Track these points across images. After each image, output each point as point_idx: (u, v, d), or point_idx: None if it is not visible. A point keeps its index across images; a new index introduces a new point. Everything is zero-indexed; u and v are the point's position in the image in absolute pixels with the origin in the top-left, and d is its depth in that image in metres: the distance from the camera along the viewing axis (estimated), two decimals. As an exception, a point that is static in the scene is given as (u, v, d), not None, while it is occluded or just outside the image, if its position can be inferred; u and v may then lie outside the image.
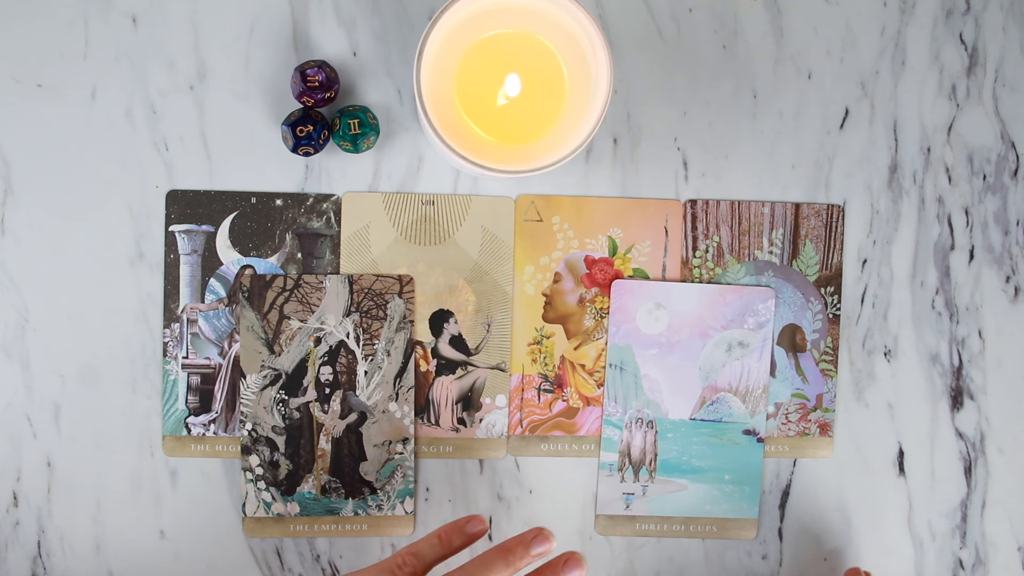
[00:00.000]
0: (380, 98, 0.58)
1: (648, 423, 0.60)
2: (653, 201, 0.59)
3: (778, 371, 0.60)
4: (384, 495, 0.59)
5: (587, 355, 0.60)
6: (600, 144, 0.59)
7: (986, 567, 0.61)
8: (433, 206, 0.59)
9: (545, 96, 0.53)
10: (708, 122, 0.60)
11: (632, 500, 0.60)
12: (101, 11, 0.57)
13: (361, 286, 0.58)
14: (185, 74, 0.57)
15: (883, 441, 0.61)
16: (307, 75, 0.55)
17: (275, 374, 0.58)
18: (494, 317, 0.59)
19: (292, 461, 0.58)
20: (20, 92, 0.57)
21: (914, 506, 0.61)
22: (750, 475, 0.60)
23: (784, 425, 0.60)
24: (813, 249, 0.60)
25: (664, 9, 0.59)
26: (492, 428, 0.59)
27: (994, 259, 0.61)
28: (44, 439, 0.58)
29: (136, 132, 0.57)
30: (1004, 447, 0.61)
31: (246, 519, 0.58)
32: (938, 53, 0.60)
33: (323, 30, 0.58)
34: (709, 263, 0.60)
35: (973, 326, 0.61)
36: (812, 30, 0.60)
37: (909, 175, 0.60)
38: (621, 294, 0.59)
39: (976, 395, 0.61)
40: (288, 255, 0.58)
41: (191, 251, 0.58)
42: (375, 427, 0.58)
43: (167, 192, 0.58)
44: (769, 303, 0.59)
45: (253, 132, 0.58)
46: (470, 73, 0.53)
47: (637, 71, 0.59)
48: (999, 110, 0.60)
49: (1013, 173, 0.61)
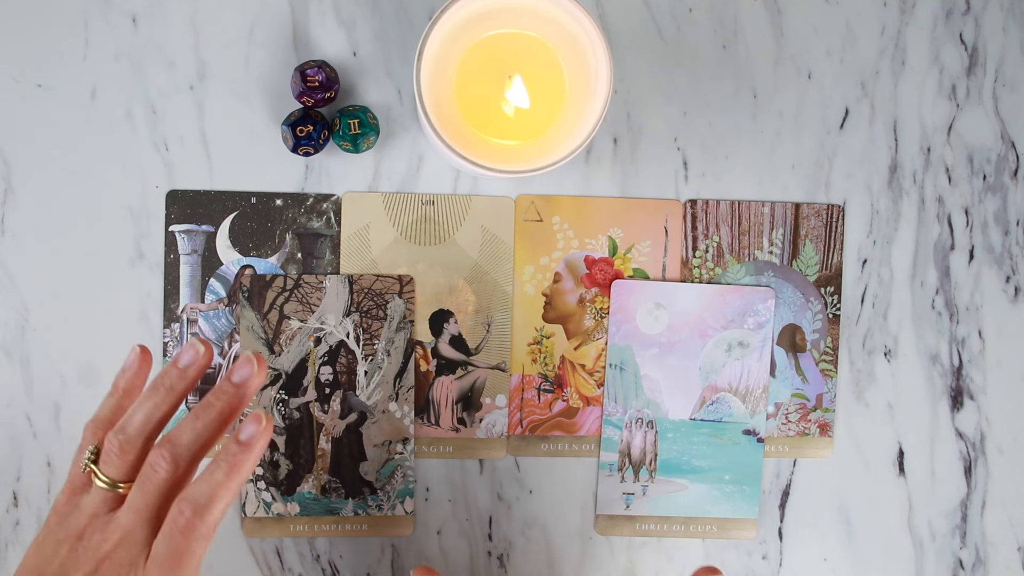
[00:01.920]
0: (380, 98, 0.58)
1: (648, 423, 0.60)
2: (653, 201, 0.59)
3: (778, 371, 0.60)
4: (384, 495, 0.59)
5: (587, 355, 0.60)
6: (600, 144, 0.59)
7: (986, 567, 0.61)
8: (433, 206, 0.59)
9: (545, 96, 0.53)
10: (708, 122, 0.60)
11: (632, 500, 0.60)
12: (101, 11, 0.57)
13: (361, 286, 0.58)
14: (185, 74, 0.57)
15: (883, 441, 0.61)
16: (307, 75, 0.55)
17: (275, 374, 0.58)
18: (494, 317, 0.59)
19: (292, 461, 0.58)
20: (20, 92, 0.57)
21: (914, 506, 0.61)
22: (750, 475, 0.60)
23: (784, 425, 0.60)
24: (813, 249, 0.60)
25: (664, 9, 0.59)
26: (492, 428, 0.59)
27: (994, 259, 0.61)
28: (44, 439, 0.58)
29: (136, 132, 0.57)
30: (1004, 447, 0.61)
31: (246, 519, 0.58)
32: (938, 53, 0.60)
33: (323, 30, 0.58)
34: (709, 263, 0.60)
35: (973, 326, 0.61)
36: (812, 30, 0.60)
37: (909, 175, 0.60)
38: (621, 294, 0.59)
39: (976, 395, 0.61)
40: (288, 255, 0.58)
41: (191, 251, 0.58)
42: (375, 427, 0.58)
43: (167, 192, 0.58)
44: (769, 303, 0.60)
45: (253, 132, 0.58)
46: (470, 73, 0.53)
47: (637, 71, 0.59)
48: (999, 110, 0.60)
49: (1013, 173, 0.61)
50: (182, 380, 0.48)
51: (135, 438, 0.47)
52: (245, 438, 0.46)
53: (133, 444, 0.46)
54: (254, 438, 0.46)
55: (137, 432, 0.47)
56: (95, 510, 0.46)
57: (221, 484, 0.45)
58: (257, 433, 0.46)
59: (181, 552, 0.44)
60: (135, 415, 0.47)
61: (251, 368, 0.48)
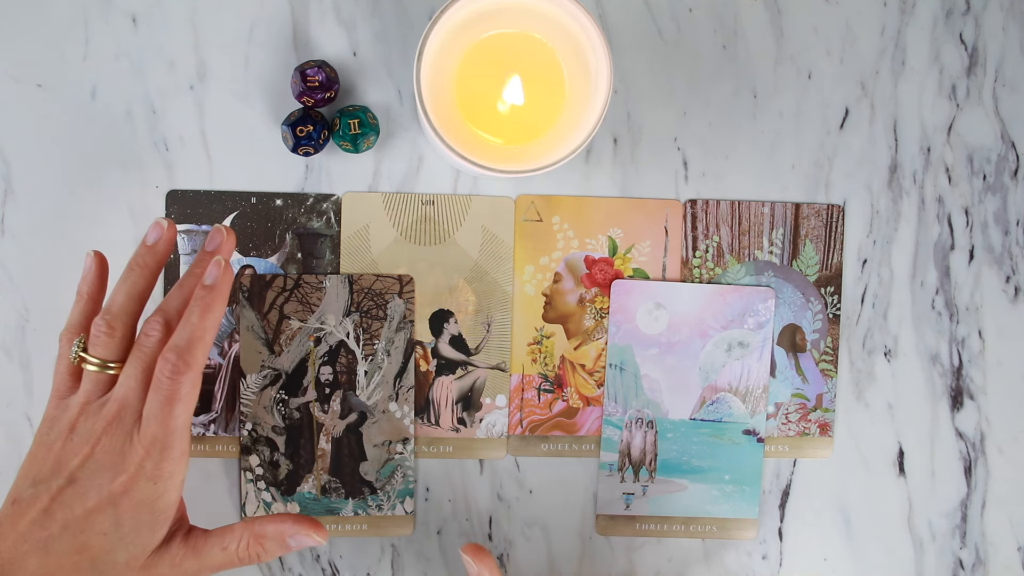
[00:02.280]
0: (380, 98, 0.58)
1: (648, 423, 0.60)
2: (653, 201, 0.59)
3: (778, 371, 0.60)
4: (384, 495, 0.59)
5: (587, 355, 0.60)
6: (600, 144, 0.59)
7: (986, 567, 0.61)
8: (433, 206, 0.59)
9: (545, 96, 0.53)
10: (708, 122, 0.60)
11: (632, 500, 0.60)
12: (101, 11, 0.57)
13: (361, 286, 0.58)
14: (185, 74, 0.57)
15: (883, 441, 0.61)
16: (307, 75, 0.55)
17: (275, 374, 0.58)
18: (494, 317, 0.59)
19: (292, 461, 0.58)
20: (20, 92, 0.57)
21: (914, 506, 0.61)
22: (750, 475, 0.60)
23: (784, 425, 0.60)
24: (813, 249, 0.60)
25: (664, 9, 0.59)
26: (492, 428, 0.59)
27: (994, 259, 0.61)
28: (44, 439, 0.58)
29: (136, 132, 0.57)
30: (1004, 447, 0.61)
31: (246, 519, 0.58)
32: (938, 53, 0.60)
33: (323, 30, 0.58)
34: (709, 263, 0.60)
35: (973, 326, 0.61)
36: (812, 30, 0.60)
37: (909, 175, 0.60)
38: (621, 294, 0.59)
39: (976, 395, 0.61)
40: (288, 255, 0.58)
41: (191, 251, 0.58)
42: (375, 427, 0.58)
43: (167, 192, 0.58)
44: (769, 303, 0.60)
45: (253, 132, 0.58)
46: (470, 73, 0.53)
47: (637, 71, 0.59)
48: (999, 110, 0.60)
49: (1013, 173, 0.61)
50: (152, 256, 0.52)
51: (120, 315, 0.50)
52: (210, 282, 0.50)
53: (120, 320, 0.50)
54: (218, 279, 0.50)
55: (121, 308, 0.50)
56: (87, 398, 0.49)
57: (196, 326, 0.48)
58: (219, 275, 0.50)
59: (171, 399, 0.48)
60: (116, 296, 0.51)
61: (221, 236, 0.52)
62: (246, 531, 0.51)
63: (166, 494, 0.48)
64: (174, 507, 0.49)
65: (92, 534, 0.47)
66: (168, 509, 0.48)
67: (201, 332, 0.48)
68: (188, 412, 0.48)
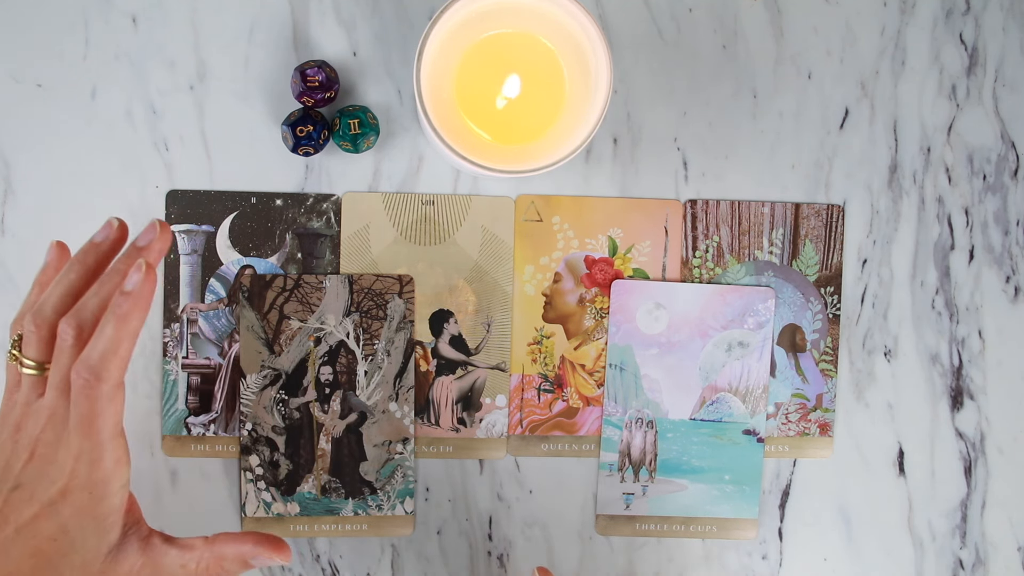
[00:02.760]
0: (380, 98, 0.58)
1: (648, 423, 0.60)
2: (653, 201, 0.59)
3: (778, 371, 0.60)
4: (384, 495, 0.59)
5: (587, 355, 0.60)
6: (600, 144, 0.59)
7: (986, 567, 0.61)
8: (433, 206, 0.59)
9: (545, 96, 0.53)
10: (708, 122, 0.60)
11: (632, 500, 0.60)
12: (101, 11, 0.57)
13: (361, 286, 0.58)
14: (185, 74, 0.57)
15: (883, 441, 0.61)
16: (307, 75, 0.55)
17: (275, 374, 0.58)
18: (494, 317, 0.59)
19: (292, 461, 0.58)
20: (20, 92, 0.57)
21: (914, 506, 0.61)
22: (750, 475, 0.60)
23: (784, 425, 0.60)
24: (813, 249, 0.60)
25: (664, 9, 0.59)
26: (492, 428, 0.59)
27: (994, 259, 0.61)
28: (44, 439, 0.58)
29: (136, 132, 0.57)
30: (1004, 447, 0.61)
31: (246, 519, 0.58)
32: (938, 53, 0.60)
33: (323, 30, 0.58)
34: (709, 263, 0.60)
35: (973, 326, 0.61)
36: (812, 30, 0.60)
37: (909, 175, 0.60)
38: (621, 294, 0.59)
39: (976, 395, 0.61)
40: (288, 255, 0.58)
41: (191, 251, 0.58)
42: (375, 427, 0.58)
43: (167, 192, 0.58)
44: (769, 303, 0.60)
45: (253, 132, 0.58)
46: (470, 73, 0.53)
47: (637, 71, 0.59)
48: (999, 110, 0.60)
49: (1013, 173, 0.61)
50: (93, 254, 0.49)
51: (49, 314, 0.47)
52: (129, 288, 0.45)
53: (47, 320, 0.47)
54: (138, 286, 0.46)
55: (51, 308, 0.47)
56: (27, 398, 0.47)
57: (111, 339, 0.45)
58: (140, 281, 0.46)
59: (90, 415, 0.45)
60: (50, 294, 0.48)
61: (154, 233, 0.48)
62: (206, 550, 0.49)
63: (105, 500, 0.46)
64: (118, 511, 0.47)
65: (42, 539, 0.45)
66: (111, 515, 0.47)
67: (115, 345, 0.45)
68: (114, 421, 0.46)
